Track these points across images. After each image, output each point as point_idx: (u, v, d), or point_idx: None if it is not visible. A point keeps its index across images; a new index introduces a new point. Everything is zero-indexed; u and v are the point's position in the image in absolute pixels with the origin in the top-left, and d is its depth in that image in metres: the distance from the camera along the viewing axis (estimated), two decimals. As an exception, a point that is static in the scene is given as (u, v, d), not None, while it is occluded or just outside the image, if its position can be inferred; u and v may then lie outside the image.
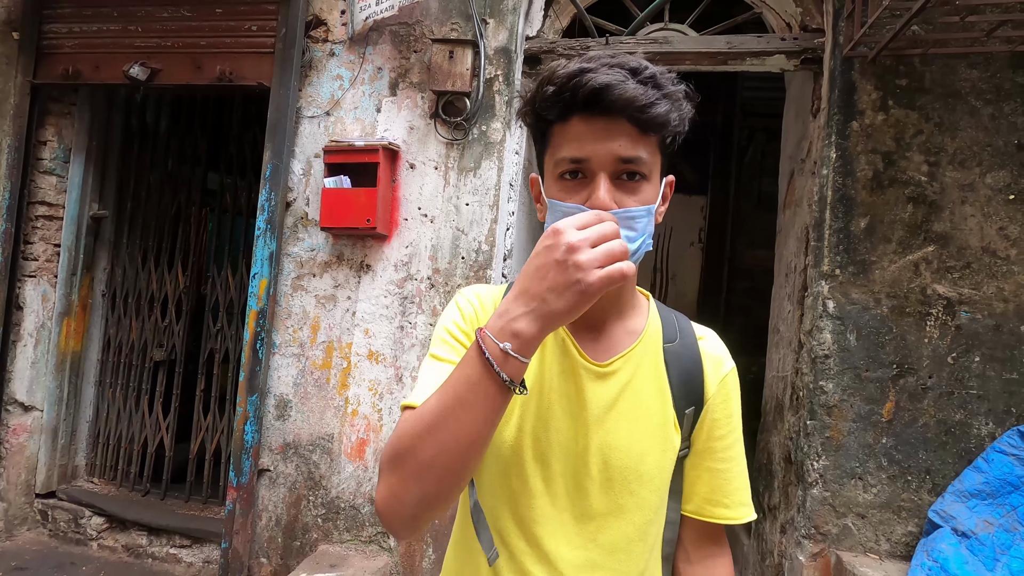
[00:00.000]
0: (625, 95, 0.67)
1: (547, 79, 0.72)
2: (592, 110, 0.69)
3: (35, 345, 3.04)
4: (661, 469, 0.80)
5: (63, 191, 3.10)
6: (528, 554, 0.77)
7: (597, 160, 0.70)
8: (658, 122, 0.70)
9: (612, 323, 0.82)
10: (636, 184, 0.72)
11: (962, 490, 1.90)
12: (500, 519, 0.79)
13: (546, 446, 0.78)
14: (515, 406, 0.79)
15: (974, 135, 2.06)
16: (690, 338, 0.85)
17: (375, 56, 2.60)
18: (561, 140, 0.72)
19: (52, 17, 2.92)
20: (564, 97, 0.70)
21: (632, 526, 0.78)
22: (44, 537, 3.02)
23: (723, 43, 2.41)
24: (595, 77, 0.68)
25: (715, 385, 0.84)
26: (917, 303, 2.07)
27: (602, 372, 0.79)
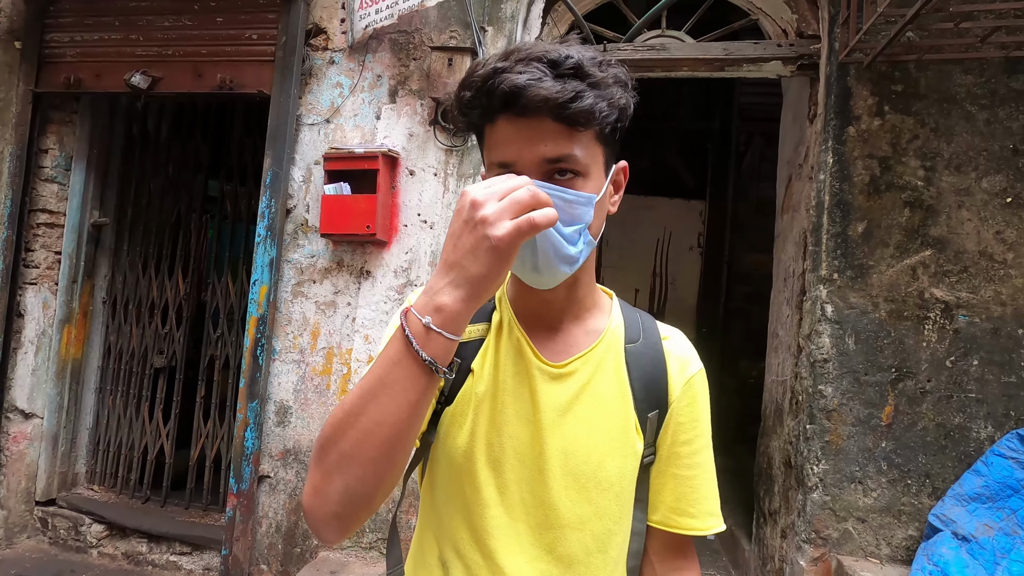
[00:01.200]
0: (541, 94, 0.63)
1: (465, 83, 0.69)
2: (513, 110, 0.65)
3: (36, 352, 3.04)
4: (622, 476, 0.75)
5: (64, 199, 3.11)
6: (482, 567, 0.73)
7: (523, 163, 0.67)
8: (582, 116, 0.65)
9: (569, 323, 0.79)
10: (569, 181, 0.68)
11: (962, 494, 1.90)
12: (455, 530, 0.75)
13: (499, 452, 0.74)
14: (468, 411, 0.75)
15: (970, 140, 2.08)
16: (654, 338, 0.81)
17: (375, 64, 2.61)
18: (491, 141, 0.70)
19: (54, 26, 2.95)
20: (482, 101, 0.67)
21: (591, 536, 0.74)
22: (44, 545, 3.02)
23: (720, 49, 2.42)
24: (508, 78, 0.64)
25: (680, 387, 0.79)
26: (915, 307, 2.08)
27: (557, 373, 0.75)
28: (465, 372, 0.77)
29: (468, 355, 0.77)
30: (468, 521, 0.75)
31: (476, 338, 0.78)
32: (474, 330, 0.78)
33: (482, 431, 0.75)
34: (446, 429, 0.77)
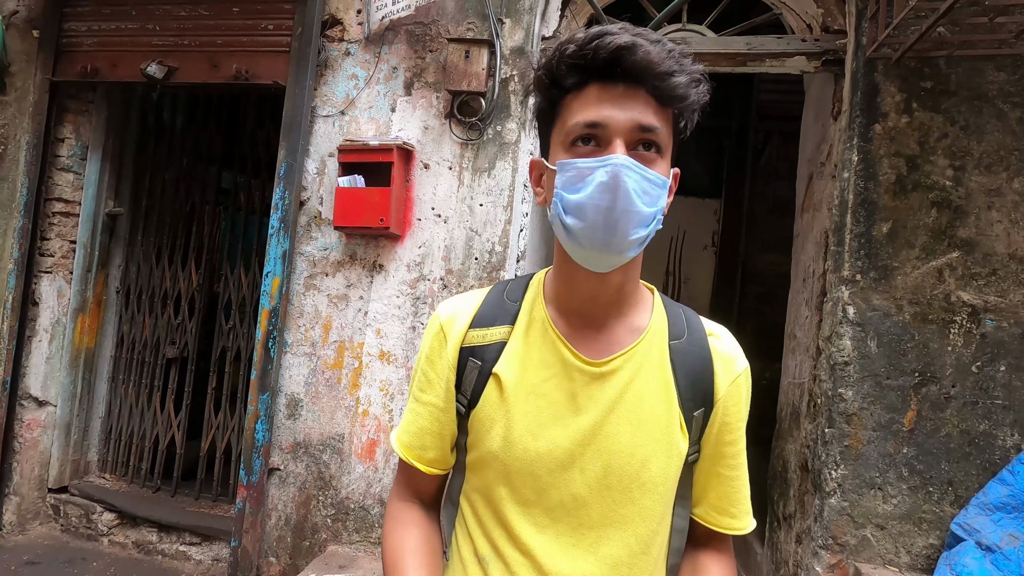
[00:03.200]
0: (649, 57, 0.65)
1: (568, 40, 0.69)
2: (611, 75, 0.66)
3: (50, 341, 3.06)
4: (666, 477, 0.74)
5: (80, 188, 3.13)
6: (522, 564, 0.73)
7: (615, 125, 0.66)
8: (677, 93, 0.67)
9: (613, 320, 0.77)
10: (653, 156, 0.68)
11: (986, 503, 1.85)
12: (491, 529, 0.76)
13: (535, 455, 0.73)
14: (498, 414, 0.75)
15: (1001, 139, 2.02)
16: (699, 335, 0.80)
17: (390, 56, 2.59)
18: (575, 108, 0.69)
19: (71, 15, 2.95)
20: (584, 56, 0.66)
21: (635, 537, 0.73)
22: (56, 532, 3.04)
23: (742, 44, 2.37)
24: (618, 37, 0.65)
25: (726, 386, 0.78)
26: (941, 310, 2.02)
27: (599, 372, 0.74)
28: (487, 375, 0.77)
29: (490, 358, 0.77)
30: (506, 521, 0.75)
31: (498, 340, 0.78)
32: (495, 332, 0.78)
33: (516, 434, 0.74)
34: (477, 433, 0.78)
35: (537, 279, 0.82)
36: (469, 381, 0.77)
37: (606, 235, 0.67)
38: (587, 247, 0.69)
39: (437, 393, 0.80)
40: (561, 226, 0.70)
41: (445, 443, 0.82)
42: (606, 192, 0.65)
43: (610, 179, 0.65)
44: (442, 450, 0.82)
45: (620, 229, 0.66)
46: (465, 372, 0.78)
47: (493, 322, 0.79)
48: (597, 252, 0.69)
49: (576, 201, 0.67)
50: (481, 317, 0.80)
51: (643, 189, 0.66)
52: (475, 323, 0.79)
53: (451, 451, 0.83)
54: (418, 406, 0.82)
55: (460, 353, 0.79)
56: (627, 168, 0.65)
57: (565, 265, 0.76)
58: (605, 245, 0.68)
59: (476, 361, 0.77)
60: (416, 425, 0.82)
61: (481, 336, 0.78)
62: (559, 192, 0.69)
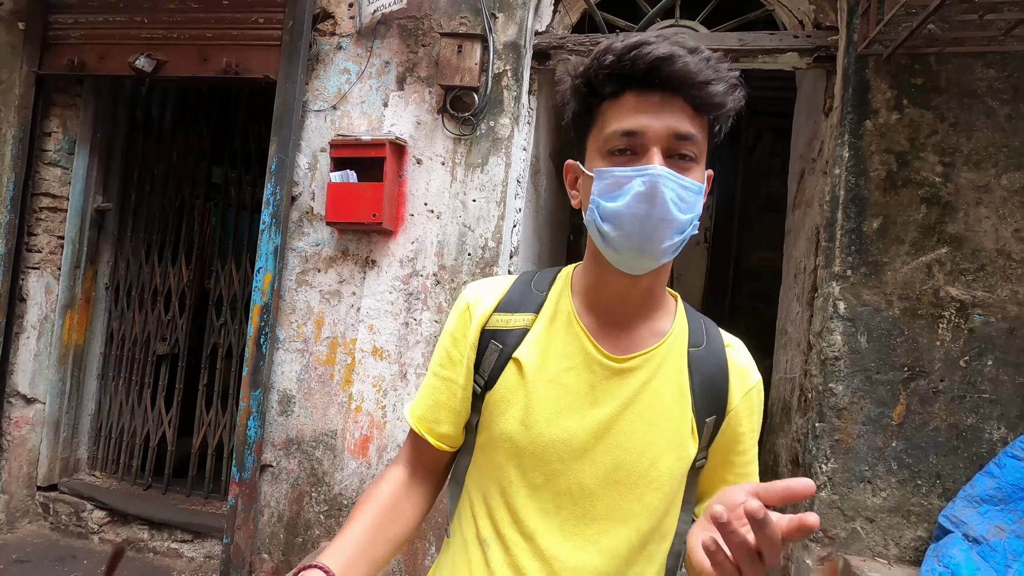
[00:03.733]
0: (687, 68, 0.66)
1: (605, 49, 0.69)
2: (649, 84, 0.67)
3: (38, 337, 3.02)
4: (672, 477, 0.76)
5: (67, 183, 3.09)
6: (522, 548, 0.75)
7: (652, 134, 0.68)
8: (715, 101, 0.68)
9: (638, 321, 0.79)
10: (688, 165, 0.70)
11: (974, 495, 1.87)
12: (495, 510, 0.78)
13: (548, 441, 0.75)
14: (515, 398, 0.77)
15: (990, 136, 2.03)
16: (717, 344, 0.82)
17: (383, 50, 2.57)
18: (612, 116, 0.70)
19: (58, 7, 2.90)
20: (623, 67, 0.68)
21: (636, 533, 0.75)
22: (45, 530, 3.01)
23: (735, 40, 2.38)
24: (656, 48, 0.66)
25: (739, 397, 0.80)
26: (930, 305, 2.04)
27: (620, 368, 0.76)
28: (507, 358, 0.78)
29: (511, 343, 0.79)
30: (510, 503, 0.76)
31: (521, 327, 0.80)
32: (519, 319, 0.80)
33: (533, 418, 0.76)
34: (491, 414, 0.79)
35: (566, 272, 0.85)
36: (488, 363, 0.79)
37: (642, 242, 0.69)
38: (623, 253, 0.71)
39: (458, 370, 0.82)
40: (597, 232, 0.72)
41: (459, 419, 0.83)
42: (643, 202, 0.67)
43: (648, 188, 0.67)
44: (455, 426, 0.83)
45: (657, 237, 0.69)
46: (485, 354, 0.80)
47: (518, 308, 0.81)
48: (633, 256, 0.71)
49: (613, 209, 0.69)
50: (507, 302, 0.82)
51: (680, 197, 0.68)
52: (500, 307, 0.81)
53: (463, 430, 0.84)
54: (437, 380, 0.84)
55: (482, 335, 0.80)
56: (664, 178, 0.67)
57: (596, 264, 0.78)
58: (640, 252, 0.70)
59: (497, 344, 0.79)
60: (432, 399, 0.84)
61: (505, 320, 0.80)
62: (596, 199, 0.71)
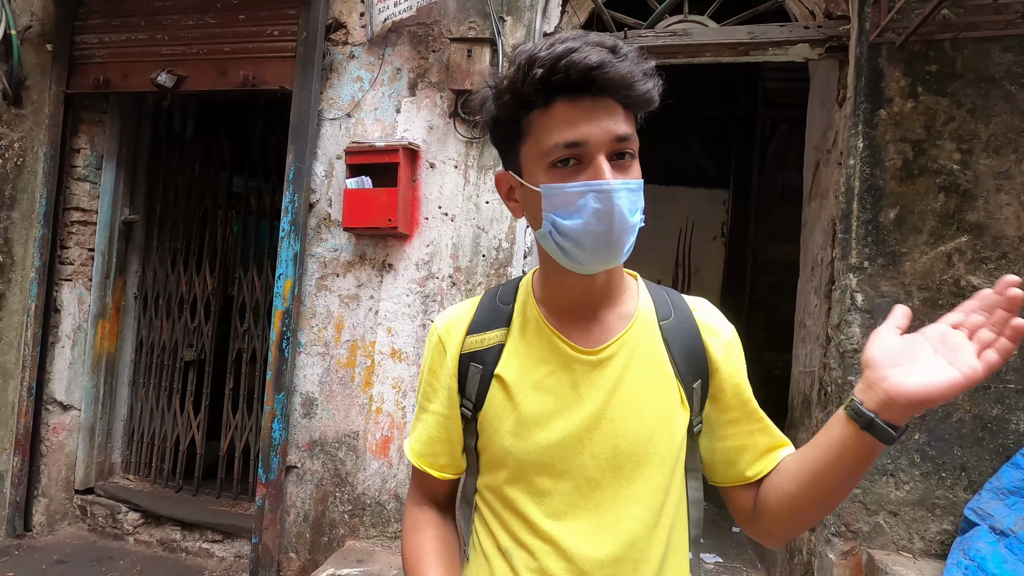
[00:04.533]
0: (619, 73, 0.66)
1: (530, 61, 0.68)
2: (582, 91, 0.67)
3: (72, 346, 3.14)
4: (671, 449, 0.78)
5: (96, 197, 3.20)
6: (545, 551, 0.76)
7: (594, 142, 0.68)
8: (645, 99, 0.69)
9: (603, 310, 0.80)
10: (628, 163, 0.71)
11: (1000, 487, 1.84)
12: (510, 522, 0.79)
13: (546, 446, 0.76)
14: (505, 414, 0.79)
15: (1009, 121, 1.99)
16: (685, 312, 0.84)
17: (394, 57, 2.62)
18: (546, 127, 0.69)
19: (83, 28, 3.02)
20: (555, 79, 0.66)
21: (649, 512, 0.76)
22: (83, 532, 3.13)
23: (745, 33, 2.37)
24: (586, 57, 0.65)
25: (721, 352, 0.81)
26: (950, 295, 2.01)
27: (597, 360, 0.78)
28: (489, 377, 0.80)
29: (490, 360, 0.81)
30: (523, 513, 0.78)
31: (495, 343, 0.82)
32: (492, 336, 0.82)
33: (526, 430, 0.78)
34: (486, 434, 0.81)
35: (526, 281, 0.86)
36: (473, 385, 0.81)
37: (606, 253, 0.72)
38: (585, 264, 0.73)
39: (441, 402, 0.84)
40: (556, 246, 0.73)
41: (454, 448, 0.86)
42: (603, 219, 0.68)
43: (604, 207, 0.68)
44: (452, 455, 0.86)
45: (619, 245, 0.71)
46: (468, 377, 0.82)
47: (489, 326, 0.83)
48: (595, 266, 0.74)
49: (572, 227, 0.70)
50: (477, 323, 0.84)
51: (631, 202, 0.70)
52: (471, 330, 0.83)
53: (461, 455, 0.87)
54: (426, 415, 0.87)
55: (460, 360, 0.82)
56: (617, 191, 0.68)
57: (553, 270, 0.79)
58: (604, 261, 0.73)
59: (477, 365, 0.81)
60: (426, 434, 0.86)
61: (479, 341, 0.82)
62: (550, 216, 0.71)
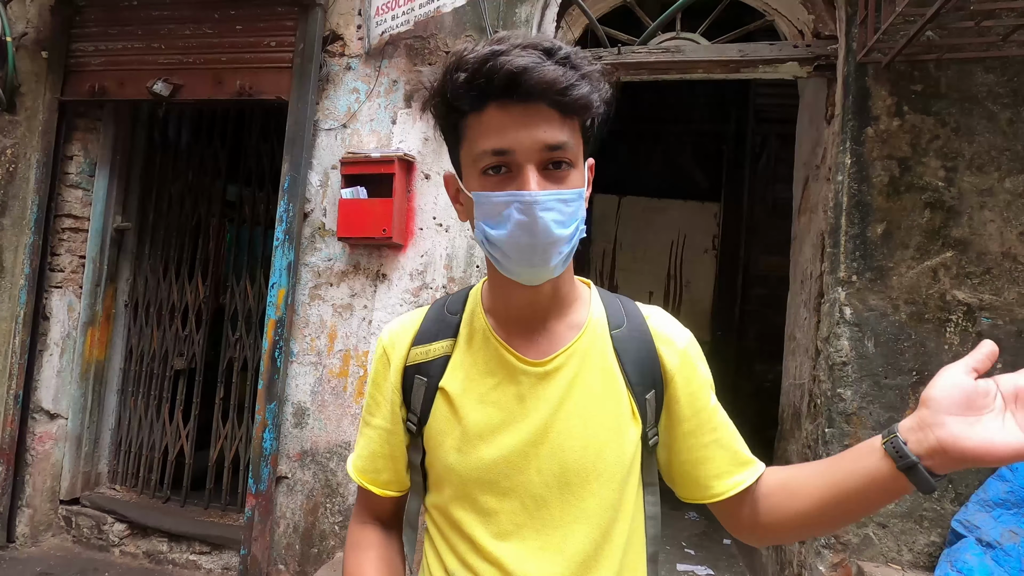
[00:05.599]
0: (545, 77, 0.63)
1: (456, 65, 0.66)
2: (510, 96, 0.64)
3: (60, 354, 3.11)
4: (622, 464, 0.74)
5: (88, 204, 3.19)
6: (493, 574, 0.73)
7: (522, 151, 0.65)
8: (580, 104, 0.66)
9: (552, 320, 0.77)
10: (563, 173, 0.67)
11: (986, 499, 1.86)
12: (457, 544, 0.76)
13: (490, 463, 0.73)
14: (450, 428, 0.76)
15: (992, 139, 2.05)
16: (638, 320, 0.80)
17: (390, 69, 2.64)
18: (477, 132, 0.67)
19: (79, 36, 3.02)
20: (479, 84, 0.64)
21: (598, 529, 0.73)
22: (68, 543, 3.08)
23: (735, 51, 2.42)
24: (510, 60, 0.62)
25: (676, 362, 0.78)
26: (936, 309, 2.05)
27: (544, 371, 0.75)
28: (434, 390, 0.77)
29: (435, 373, 0.78)
30: (469, 533, 0.74)
31: (441, 355, 0.79)
32: (437, 347, 0.79)
33: (470, 446, 0.75)
34: (432, 449, 0.78)
35: (475, 290, 0.83)
36: (417, 398, 0.78)
37: (532, 265, 0.69)
38: (515, 274, 0.71)
39: (384, 416, 0.81)
40: (488, 253, 0.72)
41: (398, 464, 0.83)
42: (525, 231, 0.66)
43: (527, 218, 0.65)
44: (396, 472, 0.83)
45: (546, 257, 0.68)
46: (413, 390, 0.79)
47: (435, 337, 0.80)
48: (526, 276, 0.71)
49: (497, 237, 0.68)
50: (423, 334, 0.81)
51: (560, 212, 0.66)
52: (417, 340, 0.80)
53: (406, 472, 0.83)
54: (369, 430, 0.83)
55: (405, 372, 0.80)
56: (540, 203, 0.65)
57: (498, 279, 0.76)
58: (532, 271, 0.70)
59: (422, 378, 0.78)
60: (368, 449, 0.83)
61: (424, 353, 0.79)
62: (480, 224, 0.70)
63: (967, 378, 0.59)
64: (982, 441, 0.56)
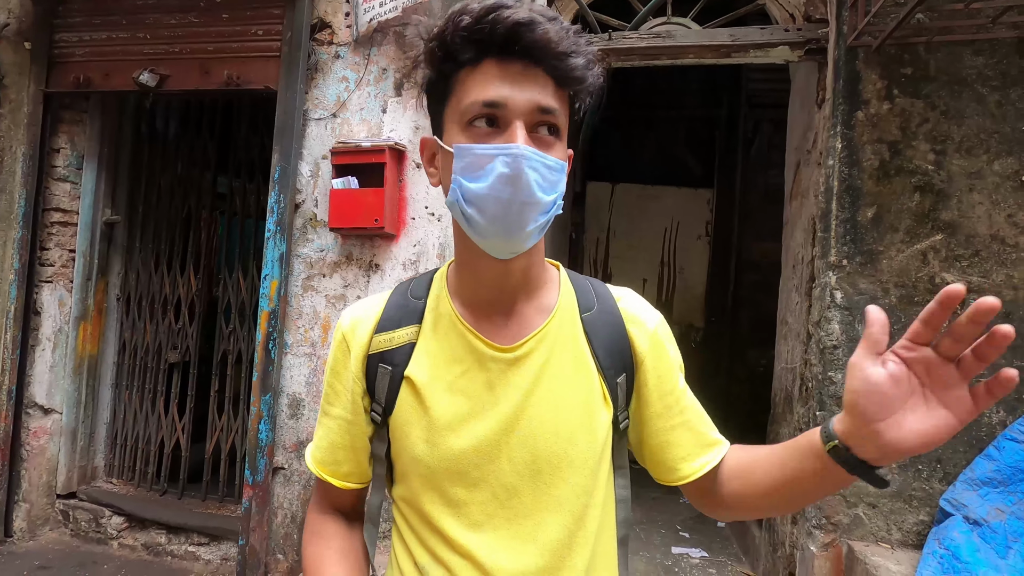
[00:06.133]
0: (547, 35, 0.63)
1: (461, 10, 0.65)
2: (509, 52, 0.64)
3: (53, 349, 3.10)
4: (593, 450, 0.73)
5: (77, 197, 3.16)
6: (463, 566, 0.71)
7: (514, 106, 0.64)
8: (576, 75, 0.66)
9: (521, 303, 0.75)
10: (550, 140, 0.67)
11: (973, 478, 1.90)
12: (427, 537, 0.74)
13: (459, 453, 0.71)
14: (415, 417, 0.73)
15: (981, 122, 2.05)
16: (608, 303, 0.79)
17: (380, 57, 2.62)
18: (470, 85, 0.66)
19: (63, 26, 2.97)
20: (481, 31, 0.63)
21: (571, 516, 0.72)
22: (66, 537, 3.09)
23: (726, 36, 2.41)
24: (515, 12, 0.62)
25: (646, 344, 0.77)
26: (926, 292, 2.07)
27: (513, 357, 0.72)
28: (399, 379, 0.75)
29: (399, 361, 0.75)
30: (438, 526, 0.73)
31: (405, 342, 0.76)
32: (401, 334, 0.76)
33: (438, 436, 0.72)
34: (397, 441, 0.76)
35: (440, 273, 0.81)
36: (382, 388, 0.75)
37: (508, 226, 0.66)
38: (489, 237, 0.68)
39: (344, 405, 0.78)
40: (462, 215, 0.68)
41: (359, 456, 0.80)
42: (508, 184, 0.64)
43: (511, 171, 0.63)
44: (357, 463, 0.80)
45: (522, 220, 0.66)
46: (377, 379, 0.75)
47: (399, 324, 0.77)
48: (500, 241, 0.68)
49: (476, 191, 0.65)
50: (386, 320, 0.77)
51: (543, 177, 0.65)
52: (380, 327, 0.77)
53: (368, 463, 0.81)
54: (328, 420, 0.80)
55: (368, 360, 0.76)
56: (528, 158, 0.63)
57: (468, 254, 0.74)
58: (507, 235, 0.67)
59: (386, 367, 0.75)
60: (327, 440, 0.80)
61: (388, 340, 0.76)
62: (458, 179, 0.66)
63: (878, 373, 0.56)
64: (918, 436, 0.56)
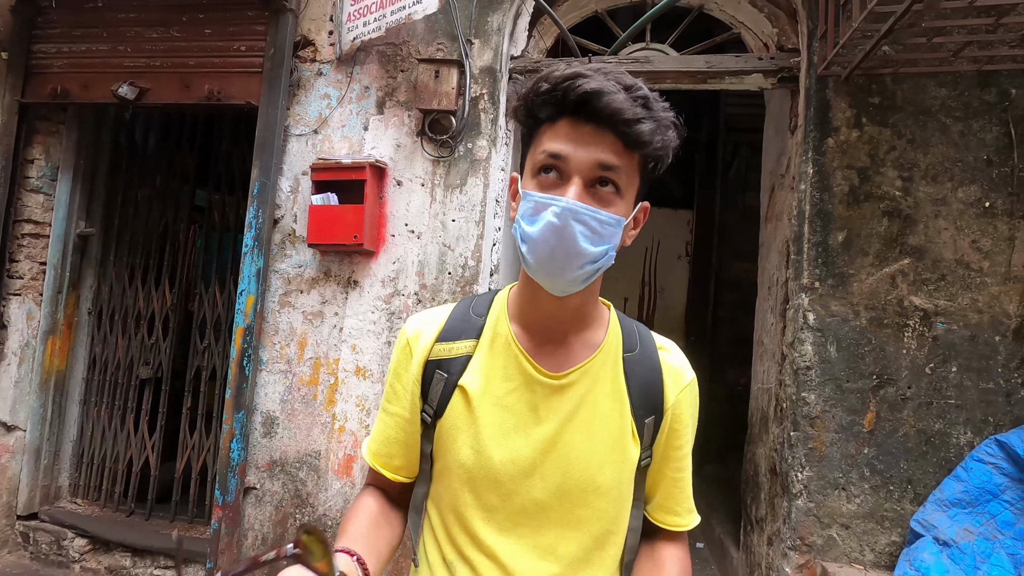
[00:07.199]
0: (613, 104, 0.68)
1: (543, 77, 0.73)
2: (580, 115, 0.70)
3: (19, 364, 3.01)
4: (619, 481, 0.80)
5: (50, 209, 3.10)
6: (487, 566, 0.78)
7: (576, 161, 0.71)
8: (641, 140, 0.71)
9: (572, 336, 0.83)
10: (608, 194, 0.72)
11: (943, 499, 1.92)
12: (457, 535, 0.81)
13: (499, 464, 0.78)
14: (464, 424, 0.80)
15: (945, 151, 2.13)
16: (650, 348, 0.86)
17: (362, 75, 2.64)
18: (544, 139, 0.74)
19: (41, 37, 2.95)
20: (556, 96, 0.71)
21: (590, 537, 0.79)
22: (25, 560, 2.97)
23: (703, 62, 2.47)
24: (588, 82, 0.69)
25: (675, 395, 0.84)
26: (895, 315, 2.11)
27: (558, 385, 0.80)
28: (452, 387, 0.82)
29: (455, 371, 0.82)
30: (469, 526, 0.80)
31: (463, 354, 0.83)
32: (461, 346, 0.84)
33: (482, 444, 0.79)
34: (443, 443, 0.82)
35: (502, 295, 0.88)
36: (436, 392, 0.82)
37: (552, 269, 0.73)
38: (538, 275, 0.76)
39: (403, 404, 0.86)
40: (519, 251, 0.76)
41: (411, 452, 0.87)
42: (553, 233, 0.70)
43: (559, 222, 0.70)
44: (408, 458, 0.87)
45: (567, 267, 0.72)
46: (432, 384, 0.83)
47: (459, 336, 0.84)
48: (547, 281, 0.75)
49: (530, 233, 0.73)
50: (447, 331, 0.85)
51: (592, 230, 0.71)
52: (441, 337, 0.84)
53: (417, 460, 0.87)
54: (386, 416, 0.88)
55: (426, 366, 0.84)
56: (575, 211, 0.70)
57: (528, 284, 0.81)
58: (551, 277, 0.75)
59: (443, 373, 0.82)
60: (384, 434, 0.88)
61: (447, 350, 0.83)
62: (519, 219, 0.75)
63: None
64: None
